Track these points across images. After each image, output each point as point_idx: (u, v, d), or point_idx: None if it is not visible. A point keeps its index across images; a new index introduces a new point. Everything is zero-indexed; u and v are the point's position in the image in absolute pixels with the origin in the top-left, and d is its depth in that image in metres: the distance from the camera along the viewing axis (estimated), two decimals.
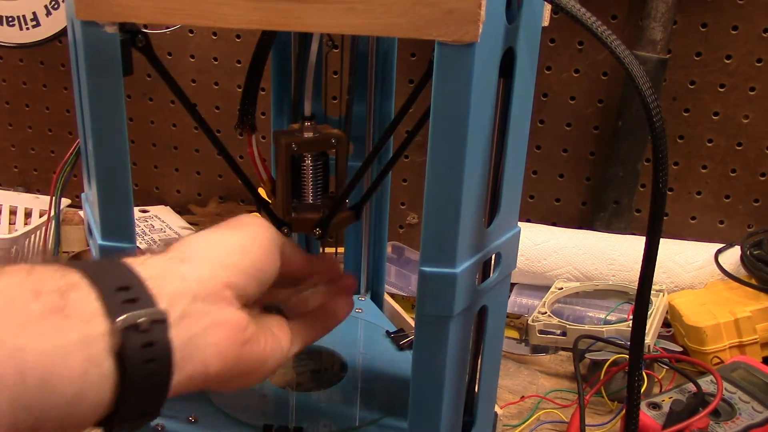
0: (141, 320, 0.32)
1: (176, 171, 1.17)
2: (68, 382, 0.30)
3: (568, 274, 0.91)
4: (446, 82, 0.36)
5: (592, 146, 1.01)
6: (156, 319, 0.33)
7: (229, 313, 0.37)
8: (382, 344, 0.64)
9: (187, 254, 0.37)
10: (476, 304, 0.44)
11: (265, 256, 0.40)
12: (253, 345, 0.38)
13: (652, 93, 0.37)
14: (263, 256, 0.40)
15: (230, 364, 0.37)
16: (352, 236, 0.71)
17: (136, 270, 0.34)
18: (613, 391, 0.71)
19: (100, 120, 0.42)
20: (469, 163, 0.38)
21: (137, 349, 0.32)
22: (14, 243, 0.89)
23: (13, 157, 1.23)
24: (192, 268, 0.36)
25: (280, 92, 0.64)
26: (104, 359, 0.31)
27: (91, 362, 0.31)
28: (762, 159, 0.97)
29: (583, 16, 0.37)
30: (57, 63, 1.15)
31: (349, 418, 0.54)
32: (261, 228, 0.41)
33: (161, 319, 0.33)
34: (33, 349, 0.29)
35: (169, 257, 0.37)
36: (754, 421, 0.62)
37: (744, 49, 0.93)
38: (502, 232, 0.46)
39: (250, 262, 0.39)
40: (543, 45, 0.44)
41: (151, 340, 0.32)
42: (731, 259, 0.87)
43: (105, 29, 0.40)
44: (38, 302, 0.30)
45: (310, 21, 0.37)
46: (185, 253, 0.37)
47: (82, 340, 0.31)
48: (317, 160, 0.51)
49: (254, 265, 0.39)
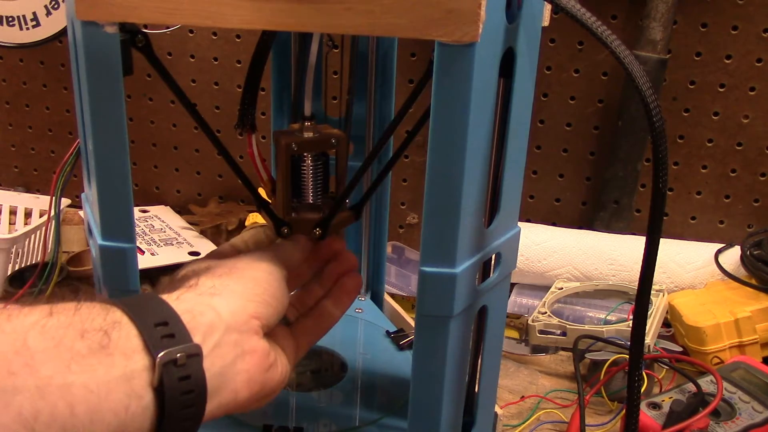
0: (179, 355, 0.35)
1: (176, 171, 1.17)
2: (113, 414, 0.33)
3: (568, 274, 0.91)
4: (446, 82, 0.36)
5: (592, 146, 1.01)
6: (192, 353, 0.36)
7: (255, 342, 0.40)
8: (382, 344, 0.64)
9: (217, 288, 0.40)
10: (476, 304, 0.44)
11: (280, 289, 0.43)
12: (274, 369, 0.42)
13: (652, 93, 0.37)
14: (279, 287, 0.43)
15: (256, 389, 0.40)
16: (352, 236, 0.71)
17: (171, 306, 0.37)
18: (613, 391, 0.71)
19: (100, 120, 0.42)
20: (469, 163, 0.38)
21: (175, 382, 0.35)
22: (14, 243, 0.89)
23: (13, 157, 1.23)
24: (223, 302, 0.39)
25: (280, 92, 0.64)
26: (145, 393, 0.34)
27: (133, 396, 0.34)
28: (762, 159, 0.97)
29: (583, 16, 0.37)
30: (57, 63, 1.15)
31: (349, 418, 0.54)
32: (272, 261, 0.44)
33: (196, 353, 0.36)
34: (80, 384, 0.32)
35: (200, 292, 0.40)
36: (754, 421, 0.62)
37: (744, 49, 0.93)
38: (502, 232, 0.46)
39: (271, 295, 0.42)
40: (543, 45, 0.44)
41: (188, 374, 0.35)
42: (731, 259, 0.87)
43: (105, 29, 0.40)
44: (84, 341, 0.33)
45: (310, 21, 0.37)
46: (215, 287, 0.40)
47: (125, 376, 0.34)
48: (317, 160, 0.51)
49: (274, 295, 0.42)
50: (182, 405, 0.35)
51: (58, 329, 0.33)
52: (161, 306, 0.37)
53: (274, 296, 0.42)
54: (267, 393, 0.41)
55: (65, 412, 0.31)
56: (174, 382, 0.34)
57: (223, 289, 0.40)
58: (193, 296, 0.39)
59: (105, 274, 0.46)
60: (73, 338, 0.33)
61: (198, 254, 0.96)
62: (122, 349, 0.34)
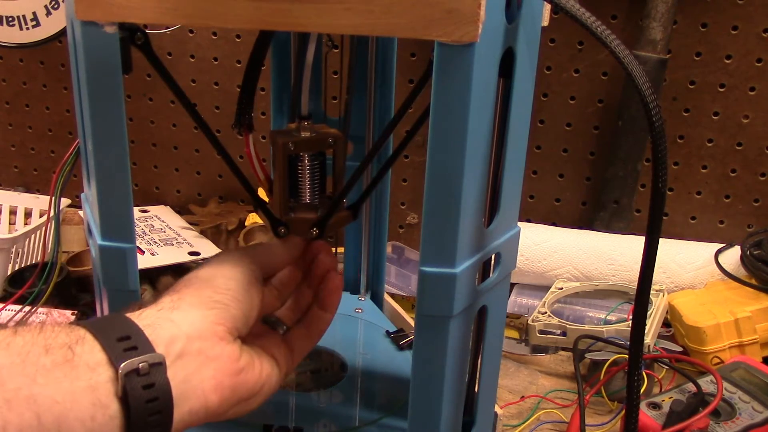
0: (141, 365, 0.36)
1: (176, 171, 1.17)
2: (79, 423, 0.34)
3: (568, 274, 0.91)
4: (446, 82, 0.36)
5: (592, 146, 1.01)
6: (154, 362, 0.37)
7: (221, 348, 0.41)
8: (382, 344, 0.64)
9: (176, 302, 0.41)
10: (476, 304, 0.44)
11: (244, 292, 0.44)
12: (247, 373, 0.42)
13: (651, 93, 0.37)
14: (242, 289, 0.44)
15: (227, 394, 0.40)
16: (351, 236, 0.71)
17: (134, 321, 0.39)
18: (613, 391, 0.71)
19: (100, 120, 0.42)
20: (469, 163, 0.38)
21: (139, 391, 0.36)
22: (14, 243, 0.89)
23: (13, 157, 1.23)
24: (182, 314, 0.40)
25: (279, 92, 0.64)
26: (110, 402, 0.35)
27: (98, 406, 0.35)
28: (762, 159, 0.97)
29: (582, 16, 0.37)
30: (57, 63, 1.15)
31: (349, 418, 0.54)
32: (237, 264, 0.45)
33: (158, 362, 0.37)
34: (47, 395, 0.34)
35: (160, 308, 0.41)
36: (754, 421, 0.62)
37: (744, 49, 0.93)
38: (502, 232, 0.46)
39: (232, 298, 0.43)
40: (543, 45, 0.44)
41: (151, 382, 0.36)
42: (731, 259, 0.87)
43: (105, 29, 0.40)
44: (48, 356, 0.35)
45: (309, 21, 0.37)
46: (173, 302, 0.41)
47: (90, 387, 0.35)
48: (314, 159, 0.50)
49: (236, 298, 0.43)
50: (148, 412, 0.36)
51: (24, 346, 0.35)
52: (124, 322, 0.39)
53: (236, 299, 0.43)
54: (244, 397, 0.42)
55: (33, 423, 0.33)
56: (137, 391, 0.36)
57: (181, 303, 0.41)
58: (153, 312, 0.40)
59: (105, 274, 0.46)
60: (38, 354, 0.34)
61: (198, 254, 0.96)
62: (86, 363, 0.36)
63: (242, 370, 0.42)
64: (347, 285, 0.72)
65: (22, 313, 0.77)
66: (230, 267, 0.45)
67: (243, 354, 0.42)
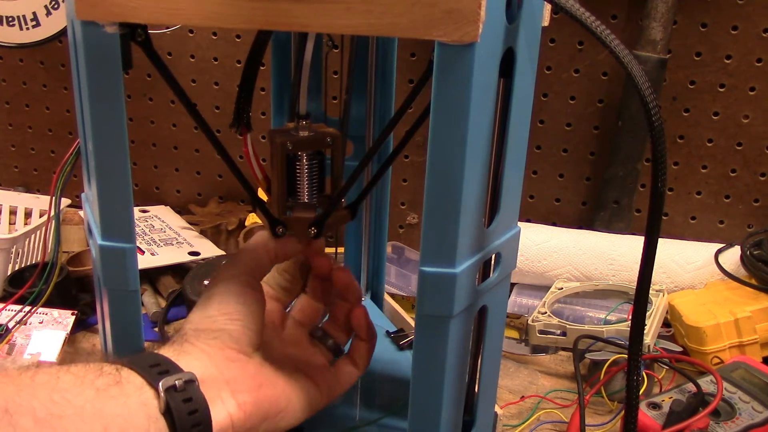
0: (177, 382, 0.40)
1: (176, 171, 1.17)
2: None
3: (568, 274, 0.91)
4: (446, 82, 0.36)
5: (592, 146, 1.01)
6: (188, 380, 0.41)
7: (234, 368, 0.44)
8: (382, 344, 0.64)
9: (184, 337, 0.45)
10: (476, 304, 0.44)
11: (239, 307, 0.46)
12: (267, 389, 0.45)
13: (651, 93, 0.37)
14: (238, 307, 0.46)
15: (250, 408, 0.43)
16: (351, 236, 0.71)
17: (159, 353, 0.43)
18: (613, 391, 0.71)
19: (100, 120, 0.42)
20: (469, 163, 0.38)
21: (180, 404, 0.40)
22: (14, 243, 0.89)
23: (13, 157, 1.23)
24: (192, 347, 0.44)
25: (280, 92, 0.64)
26: (159, 417, 0.39)
27: (150, 419, 0.39)
28: (762, 159, 0.97)
29: (582, 15, 0.37)
30: (57, 63, 1.15)
31: (349, 418, 0.54)
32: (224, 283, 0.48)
33: (191, 379, 0.41)
34: (109, 411, 0.38)
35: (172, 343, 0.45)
36: (754, 421, 0.62)
37: (744, 49, 0.93)
38: (502, 232, 0.46)
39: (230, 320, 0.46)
40: (543, 45, 0.44)
41: (189, 396, 0.40)
42: (731, 259, 0.87)
43: (105, 29, 0.40)
44: (101, 379, 0.39)
45: (309, 21, 0.37)
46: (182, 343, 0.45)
47: (141, 403, 0.39)
48: (312, 159, 0.51)
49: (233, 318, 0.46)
50: (191, 424, 0.40)
51: (79, 371, 0.39)
52: (150, 355, 0.43)
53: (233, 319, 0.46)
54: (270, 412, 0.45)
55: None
56: (179, 405, 0.40)
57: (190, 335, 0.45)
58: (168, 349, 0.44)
59: (105, 274, 0.46)
60: (93, 378, 0.39)
61: (198, 254, 0.96)
62: (132, 384, 0.40)
63: (261, 385, 0.45)
64: None
65: (22, 313, 0.77)
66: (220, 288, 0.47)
67: (262, 370, 0.45)
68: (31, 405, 0.36)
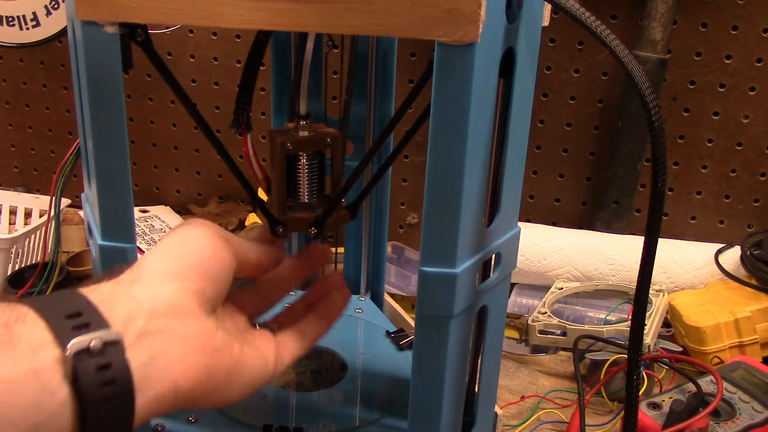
0: (92, 343, 0.31)
1: (176, 171, 1.17)
2: (22, 414, 0.30)
3: (568, 274, 0.91)
4: (446, 82, 0.36)
5: (592, 146, 1.01)
6: (109, 340, 0.32)
7: (191, 324, 0.36)
8: (382, 344, 0.64)
9: (135, 275, 0.37)
10: (476, 304, 0.44)
11: (210, 252, 0.39)
12: (224, 353, 0.38)
13: (651, 93, 0.37)
14: (208, 252, 0.39)
15: (202, 377, 0.36)
16: (351, 236, 0.71)
17: (87, 296, 0.34)
18: (613, 391, 0.71)
19: (100, 120, 0.42)
20: (469, 163, 0.38)
21: (92, 373, 0.31)
22: (14, 243, 0.89)
23: (13, 157, 1.23)
24: (143, 288, 0.36)
25: (279, 92, 0.64)
26: (58, 387, 0.31)
27: (44, 392, 0.30)
28: (762, 159, 0.97)
29: (582, 15, 0.37)
30: (57, 63, 1.15)
31: (349, 418, 0.54)
32: (197, 227, 0.40)
33: (114, 340, 0.32)
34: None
35: (118, 281, 0.36)
36: (754, 421, 0.62)
37: (744, 49, 0.93)
38: (502, 232, 0.46)
39: (198, 264, 0.38)
40: (543, 45, 0.44)
41: (107, 362, 0.32)
42: (731, 259, 0.87)
43: (105, 29, 0.40)
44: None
45: (309, 21, 0.37)
46: (134, 274, 0.37)
47: (33, 371, 0.30)
48: (312, 159, 0.51)
49: (202, 264, 0.38)
50: (104, 397, 0.31)
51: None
52: (74, 298, 0.34)
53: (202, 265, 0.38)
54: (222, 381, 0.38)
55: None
56: (90, 373, 0.31)
57: (143, 275, 0.36)
58: (109, 287, 0.35)
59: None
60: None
61: None
62: (28, 343, 0.31)
63: (217, 350, 0.37)
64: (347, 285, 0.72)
65: None
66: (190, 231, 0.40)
67: (219, 332, 0.38)
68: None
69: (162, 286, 0.36)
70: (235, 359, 0.39)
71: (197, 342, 0.36)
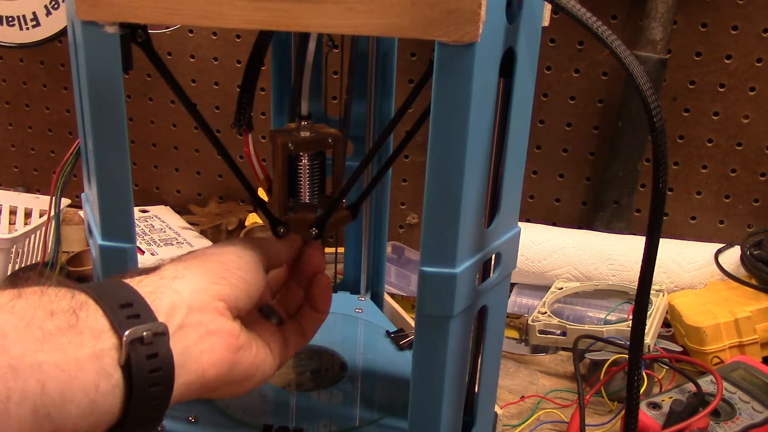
0: (145, 333, 0.35)
1: (176, 171, 1.17)
2: (83, 393, 0.33)
3: (568, 274, 0.91)
4: (446, 82, 0.36)
5: (592, 146, 1.01)
6: (157, 331, 0.36)
7: (222, 323, 0.40)
8: (382, 344, 0.64)
9: (180, 272, 0.40)
10: (476, 304, 0.44)
11: (251, 273, 0.43)
12: (245, 352, 0.41)
13: (652, 93, 0.37)
14: (250, 272, 0.43)
15: (225, 369, 0.40)
16: (352, 236, 0.71)
17: (135, 288, 0.37)
18: (613, 391, 0.71)
19: (101, 120, 0.42)
20: (469, 163, 0.38)
21: (142, 360, 0.35)
22: (14, 243, 0.89)
23: (13, 157, 1.23)
24: (185, 284, 0.39)
25: (280, 92, 0.64)
26: (113, 371, 0.34)
27: (102, 374, 0.34)
28: (762, 159, 0.97)
29: (583, 16, 0.37)
30: (57, 63, 1.15)
31: (349, 418, 0.54)
32: (246, 247, 0.44)
33: (162, 332, 0.36)
34: (52, 363, 0.32)
35: (162, 276, 0.40)
36: (754, 421, 0.62)
37: (744, 49, 0.93)
38: (502, 232, 0.46)
39: (239, 278, 0.42)
40: (543, 45, 0.44)
41: (155, 352, 0.35)
42: (731, 259, 0.87)
43: (105, 29, 0.40)
44: (53, 321, 0.33)
45: (310, 21, 0.37)
46: (178, 271, 0.40)
47: (94, 355, 0.34)
48: (314, 159, 0.51)
49: (243, 278, 0.42)
50: (150, 383, 0.35)
51: (28, 310, 0.33)
52: (125, 289, 0.37)
53: (243, 279, 0.42)
54: (241, 376, 0.41)
55: (36, 391, 0.32)
56: (141, 360, 0.35)
57: (186, 273, 0.40)
58: (155, 280, 0.39)
59: (105, 274, 0.46)
60: (42, 318, 0.33)
61: None
62: (90, 329, 0.34)
63: (241, 347, 0.41)
64: (347, 285, 0.72)
65: None
66: (240, 248, 0.44)
67: (242, 333, 0.41)
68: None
69: (201, 286, 0.40)
70: (253, 358, 0.42)
71: (224, 339, 0.40)
